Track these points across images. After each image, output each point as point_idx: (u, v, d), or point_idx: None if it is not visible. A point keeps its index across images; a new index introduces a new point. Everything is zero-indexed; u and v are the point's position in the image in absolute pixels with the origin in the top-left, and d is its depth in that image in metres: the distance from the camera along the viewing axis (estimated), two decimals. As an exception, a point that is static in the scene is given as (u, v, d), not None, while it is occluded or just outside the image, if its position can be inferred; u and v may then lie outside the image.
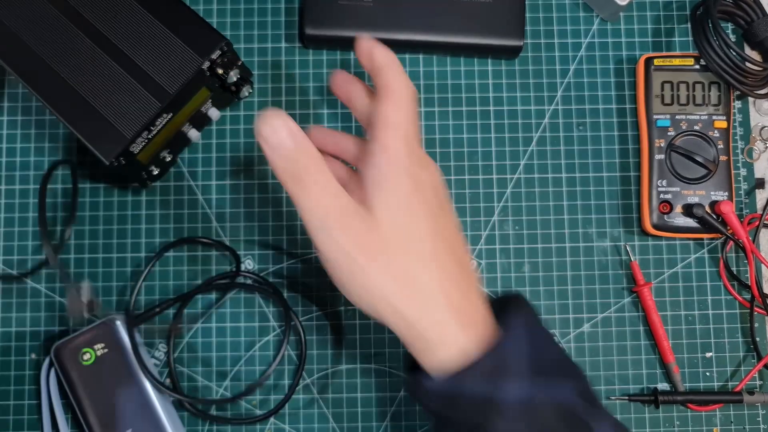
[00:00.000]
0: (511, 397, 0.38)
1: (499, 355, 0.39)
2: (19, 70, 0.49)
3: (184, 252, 0.57)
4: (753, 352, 0.56)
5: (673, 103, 0.57)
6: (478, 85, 0.58)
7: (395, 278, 0.39)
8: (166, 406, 0.53)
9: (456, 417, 0.39)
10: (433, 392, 0.39)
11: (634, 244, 0.57)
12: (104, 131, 0.48)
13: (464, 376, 0.38)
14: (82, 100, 0.48)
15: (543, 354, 0.40)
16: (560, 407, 0.39)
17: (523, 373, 0.39)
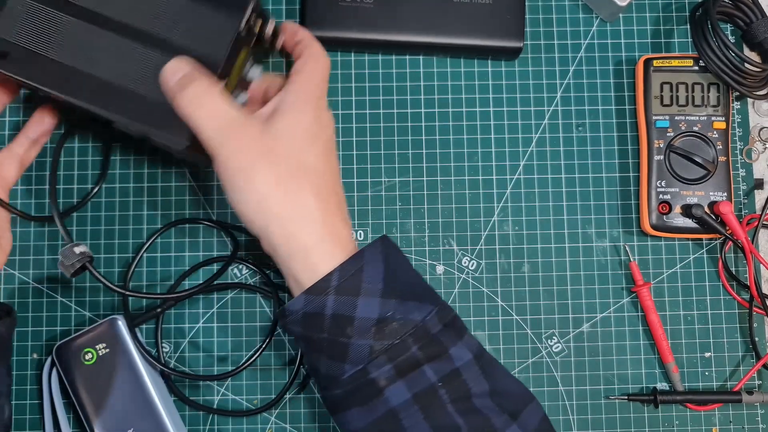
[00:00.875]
0: (363, 313, 0.42)
1: (356, 276, 0.42)
2: (61, 89, 0.48)
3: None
4: (752, 352, 0.57)
5: (672, 104, 0.57)
6: (478, 86, 0.59)
7: (283, 188, 0.43)
8: (168, 405, 0.53)
9: (317, 336, 0.43)
10: (296, 313, 0.43)
11: (634, 244, 0.58)
12: (168, 117, 0.46)
13: (323, 294, 0.42)
14: (133, 94, 0.47)
15: (401, 279, 0.44)
16: (414, 327, 0.42)
17: (377, 293, 0.42)
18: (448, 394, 0.42)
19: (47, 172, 0.57)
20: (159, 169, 0.57)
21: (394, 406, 0.42)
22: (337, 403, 0.44)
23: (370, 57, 0.59)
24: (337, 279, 0.42)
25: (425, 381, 0.42)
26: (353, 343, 0.42)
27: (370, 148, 0.58)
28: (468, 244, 0.57)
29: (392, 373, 0.42)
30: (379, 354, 0.42)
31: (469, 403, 0.42)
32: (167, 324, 0.56)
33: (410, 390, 0.42)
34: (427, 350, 0.42)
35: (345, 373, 0.42)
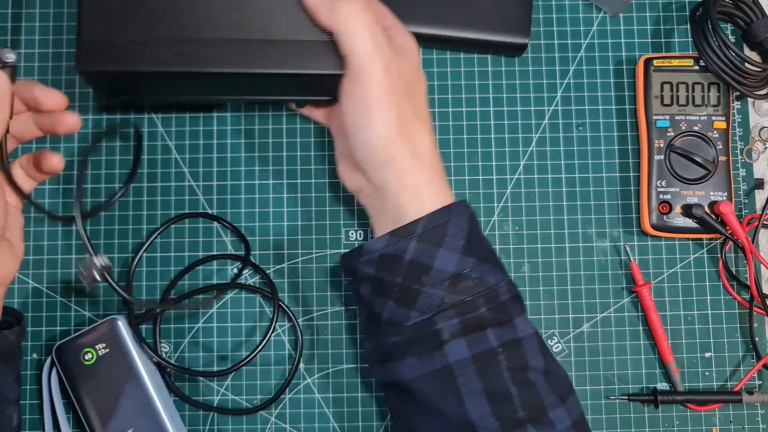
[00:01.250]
0: (441, 265, 0.43)
1: (442, 227, 0.44)
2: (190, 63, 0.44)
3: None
4: (752, 352, 0.57)
5: (673, 104, 0.57)
6: (478, 86, 0.59)
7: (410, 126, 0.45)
8: (168, 405, 0.53)
9: (389, 279, 0.44)
10: (374, 252, 0.44)
11: (634, 244, 0.58)
12: (311, 52, 0.44)
13: (406, 238, 0.43)
14: (264, 42, 0.45)
15: (480, 243, 0.45)
16: (487, 289, 0.43)
17: (458, 248, 0.43)
18: (506, 361, 0.43)
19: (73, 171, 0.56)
20: (158, 169, 0.57)
21: (451, 362, 0.42)
22: (392, 352, 0.44)
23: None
24: (423, 226, 0.43)
25: (486, 344, 0.43)
26: (425, 291, 0.43)
27: (370, 147, 0.58)
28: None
29: (458, 328, 0.43)
30: (449, 307, 0.43)
31: (524, 375, 0.43)
32: (167, 324, 0.56)
33: (471, 349, 0.42)
34: (495, 314, 0.43)
35: (410, 320, 0.43)
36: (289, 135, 0.58)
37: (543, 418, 0.42)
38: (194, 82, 0.46)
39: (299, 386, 0.56)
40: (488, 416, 0.42)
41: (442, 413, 0.43)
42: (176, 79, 0.46)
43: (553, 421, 0.42)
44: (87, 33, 0.44)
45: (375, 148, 0.44)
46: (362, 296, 0.47)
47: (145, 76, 0.45)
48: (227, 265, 0.57)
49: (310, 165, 0.58)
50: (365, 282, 0.46)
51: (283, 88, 0.48)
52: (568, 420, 0.43)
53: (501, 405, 0.42)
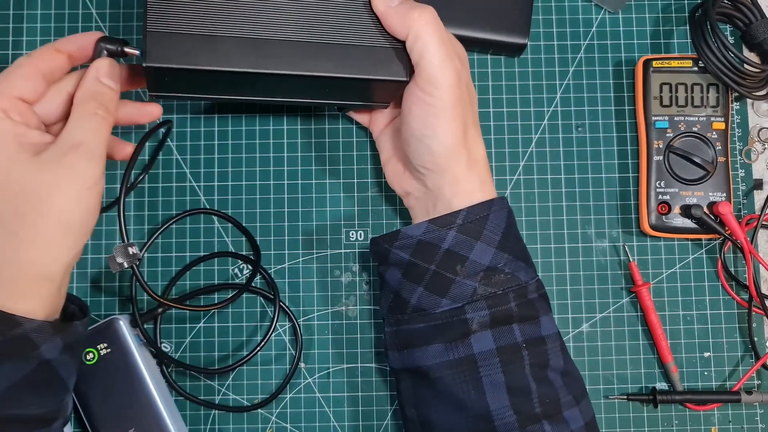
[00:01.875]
0: (477, 257, 0.44)
1: (481, 221, 0.45)
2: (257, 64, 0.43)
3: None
4: (751, 352, 0.57)
5: (672, 105, 0.57)
6: (478, 86, 0.59)
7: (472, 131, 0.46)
8: (169, 405, 0.53)
9: (423, 265, 0.45)
10: (412, 238, 0.45)
11: (633, 244, 0.58)
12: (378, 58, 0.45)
13: (446, 227, 0.44)
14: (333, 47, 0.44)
15: (516, 240, 0.47)
16: (517, 285, 0.44)
17: (494, 243, 0.45)
18: (529, 357, 0.44)
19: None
20: (160, 170, 0.57)
21: (476, 352, 0.43)
22: (415, 338, 0.45)
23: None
24: (464, 218, 0.44)
25: (512, 337, 0.44)
26: (459, 281, 0.44)
27: (370, 148, 0.58)
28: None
29: (487, 320, 0.44)
30: (481, 298, 0.44)
31: (544, 372, 0.44)
32: (168, 323, 0.56)
33: (496, 342, 0.44)
34: (523, 310, 0.44)
35: (439, 308, 0.44)
36: (289, 136, 0.58)
37: (558, 416, 0.43)
38: (259, 83, 0.45)
39: (300, 386, 0.56)
40: (506, 408, 0.43)
41: (461, 402, 0.44)
42: (241, 78, 0.44)
43: (567, 420, 0.43)
44: (153, 25, 0.42)
45: (437, 155, 0.45)
46: (389, 281, 0.47)
47: (211, 73, 0.43)
48: (228, 265, 0.57)
49: (311, 165, 0.58)
50: (396, 267, 0.46)
51: (345, 92, 0.48)
52: (582, 420, 0.44)
53: (520, 399, 0.43)
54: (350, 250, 0.57)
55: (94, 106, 0.42)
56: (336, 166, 0.58)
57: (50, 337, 0.41)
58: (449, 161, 0.45)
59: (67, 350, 0.43)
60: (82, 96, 0.42)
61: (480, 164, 0.46)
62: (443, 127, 0.44)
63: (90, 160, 0.41)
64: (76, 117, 0.42)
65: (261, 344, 0.54)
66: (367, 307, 0.57)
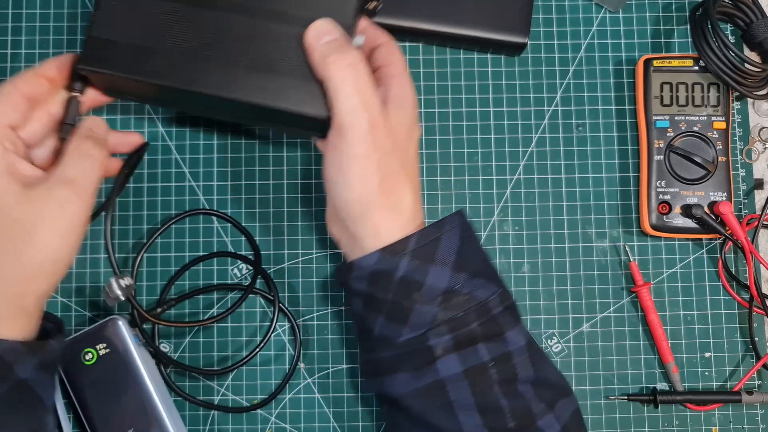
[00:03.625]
0: (433, 281, 0.43)
1: (433, 243, 0.43)
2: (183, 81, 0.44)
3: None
4: (752, 352, 0.57)
5: (672, 104, 0.57)
6: (478, 86, 0.59)
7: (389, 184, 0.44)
8: (168, 405, 0.53)
9: (380, 295, 0.43)
10: (365, 268, 0.44)
11: (633, 244, 0.58)
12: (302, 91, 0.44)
13: (398, 254, 0.43)
14: (258, 75, 0.44)
15: (472, 256, 0.45)
16: (478, 304, 0.43)
17: (449, 264, 0.43)
18: (497, 375, 0.43)
19: None
20: (159, 169, 0.57)
21: (443, 376, 0.43)
22: (383, 366, 0.44)
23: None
24: (415, 243, 0.43)
25: (477, 358, 0.43)
26: (417, 308, 0.43)
27: (370, 148, 0.58)
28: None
29: (450, 344, 0.43)
30: (441, 323, 0.43)
31: (513, 387, 0.43)
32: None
33: (462, 364, 0.43)
34: (486, 329, 0.43)
35: (402, 336, 0.43)
36: (290, 135, 0.58)
37: (532, 426, 0.43)
38: (188, 99, 0.46)
39: (299, 386, 0.56)
40: (480, 428, 0.42)
41: (435, 427, 0.43)
42: (170, 92, 0.45)
43: (542, 429, 0.43)
44: (97, 31, 0.44)
45: (349, 203, 0.44)
46: (354, 310, 0.47)
47: (141, 84, 0.45)
48: (227, 265, 0.57)
49: (311, 165, 0.58)
50: (357, 296, 0.45)
51: (276, 118, 0.47)
52: (558, 425, 0.44)
53: (492, 417, 0.43)
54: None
55: (90, 145, 0.44)
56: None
57: (24, 357, 0.41)
58: (364, 210, 0.44)
59: (43, 369, 0.43)
60: (79, 134, 0.44)
61: (406, 215, 0.44)
62: (353, 176, 0.43)
63: (80, 198, 0.42)
64: (71, 154, 0.43)
65: (260, 345, 0.54)
66: (366, 307, 0.57)
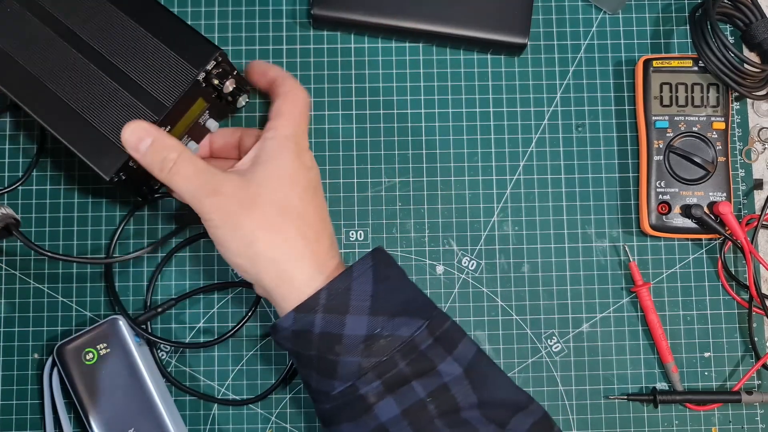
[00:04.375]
0: (351, 331, 0.42)
1: (344, 294, 0.43)
2: (14, 90, 0.49)
3: (186, 252, 0.57)
4: (751, 352, 0.57)
5: (672, 105, 0.57)
6: (478, 86, 0.59)
7: (269, 233, 0.44)
8: (169, 405, 0.53)
9: (307, 352, 0.43)
10: (286, 329, 0.44)
11: (633, 244, 0.58)
12: (103, 147, 0.48)
13: (311, 312, 0.43)
14: (79, 117, 0.48)
15: (390, 295, 0.44)
16: (402, 343, 0.43)
17: (365, 310, 0.43)
18: (436, 409, 0.42)
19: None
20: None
21: (383, 421, 0.42)
22: (329, 417, 0.44)
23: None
24: (325, 297, 0.43)
25: (413, 396, 0.42)
26: (342, 360, 0.42)
27: (370, 148, 0.58)
28: (468, 244, 0.57)
29: (381, 389, 0.42)
30: (368, 371, 0.42)
31: (457, 416, 0.43)
32: (168, 324, 0.56)
33: (399, 406, 0.42)
34: (415, 366, 0.43)
35: (335, 389, 0.43)
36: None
37: None
38: None
39: (299, 386, 0.56)
40: None
41: None
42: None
43: None
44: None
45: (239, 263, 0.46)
46: (294, 365, 0.47)
47: None
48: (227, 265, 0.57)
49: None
50: (290, 354, 0.46)
51: None
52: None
53: None
54: (350, 250, 0.57)
55: None
56: (336, 166, 0.58)
57: None
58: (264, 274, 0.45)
59: None
60: None
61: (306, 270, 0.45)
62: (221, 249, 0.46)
63: None
64: None
65: (245, 319, 0.55)
66: (367, 307, 0.57)
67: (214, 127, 0.53)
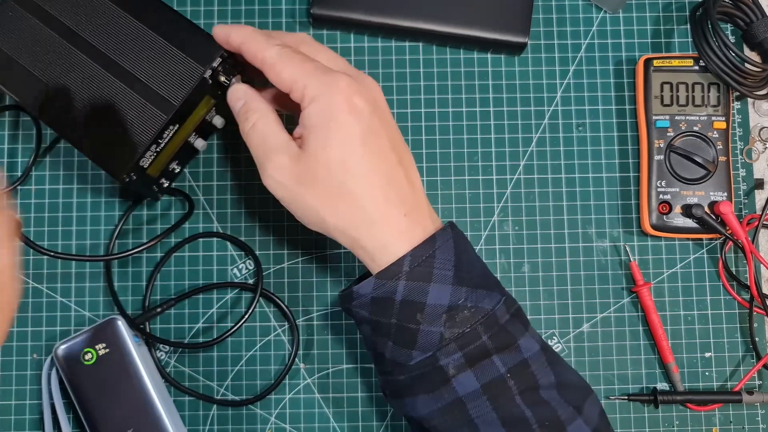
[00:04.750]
0: (434, 300, 0.42)
1: (428, 261, 0.42)
2: (20, 94, 0.49)
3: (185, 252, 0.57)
4: (752, 352, 0.57)
5: (673, 104, 0.57)
6: (478, 86, 0.59)
7: (329, 202, 0.44)
8: (168, 405, 0.53)
9: (384, 321, 0.43)
10: (364, 297, 0.43)
11: (634, 244, 0.58)
12: (113, 149, 0.47)
13: (394, 278, 0.42)
14: (87, 119, 0.48)
15: (470, 268, 0.44)
16: (484, 316, 0.42)
17: (448, 280, 0.42)
18: (516, 386, 0.42)
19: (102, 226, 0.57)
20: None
21: (461, 395, 0.42)
22: (401, 389, 0.44)
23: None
24: (409, 264, 0.42)
25: (494, 371, 0.42)
26: (423, 329, 0.42)
27: (370, 148, 0.58)
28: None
29: (462, 361, 0.42)
30: (450, 342, 0.42)
31: (536, 395, 0.42)
32: (167, 324, 0.56)
33: (479, 380, 0.42)
34: (497, 340, 0.42)
35: (412, 360, 0.43)
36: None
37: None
38: None
39: (299, 386, 0.56)
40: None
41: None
42: None
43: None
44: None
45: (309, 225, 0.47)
46: (364, 335, 0.46)
47: None
48: (227, 264, 0.57)
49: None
50: (364, 323, 0.45)
51: None
52: (588, 429, 0.43)
53: (518, 430, 0.41)
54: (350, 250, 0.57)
55: None
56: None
57: None
58: None
59: None
60: None
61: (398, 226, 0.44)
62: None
63: None
64: None
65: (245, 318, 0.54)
66: (366, 307, 0.57)
67: (220, 123, 0.53)
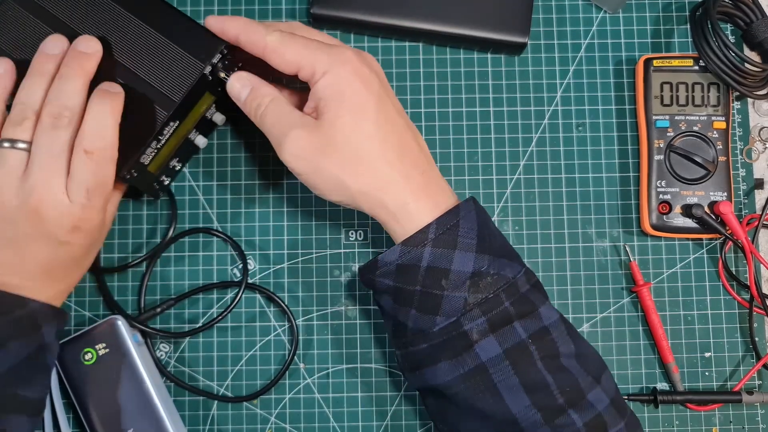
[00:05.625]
0: (459, 266, 0.43)
1: (453, 229, 0.44)
2: None
3: (185, 252, 0.57)
4: (752, 352, 0.57)
5: (673, 104, 0.57)
6: (478, 86, 0.59)
7: (349, 167, 0.44)
8: (168, 405, 0.53)
9: (409, 288, 0.44)
10: (390, 264, 0.44)
11: (634, 244, 0.58)
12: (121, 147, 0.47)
13: (420, 245, 0.43)
14: None
15: (492, 238, 0.45)
16: (506, 283, 0.43)
17: (472, 247, 0.44)
18: (537, 351, 0.43)
19: None
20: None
21: (484, 360, 0.43)
22: (423, 358, 0.44)
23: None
24: (434, 232, 0.43)
25: (516, 337, 0.43)
26: (447, 295, 0.43)
27: (370, 148, 0.58)
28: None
29: (485, 326, 0.43)
30: (473, 307, 0.43)
31: (557, 362, 0.43)
32: (167, 323, 0.56)
33: (501, 345, 0.43)
34: (518, 306, 0.43)
35: (436, 326, 0.43)
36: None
37: (582, 401, 0.43)
38: None
39: (299, 386, 0.56)
40: (529, 408, 0.42)
41: (483, 412, 0.43)
42: None
43: (593, 403, 0.43)
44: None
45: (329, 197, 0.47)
46: (384, 308, 0.47)
47: None
48: (227, 264, 0.57)
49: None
50: (385, 294, 0.46)
51: None
52: (606, 399, 0.44)
53: (540, 395, 0.43)
54: (350, 250, 0.57)
55: None
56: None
57: (51, 320, 0.44)
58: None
59: (57, 338, 0.46)
60: None
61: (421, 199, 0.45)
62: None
63: None
64: None
65: (232, 306, 0.55)
66: (366, 307, 0.57)
67: (221, 120, 0.53)
